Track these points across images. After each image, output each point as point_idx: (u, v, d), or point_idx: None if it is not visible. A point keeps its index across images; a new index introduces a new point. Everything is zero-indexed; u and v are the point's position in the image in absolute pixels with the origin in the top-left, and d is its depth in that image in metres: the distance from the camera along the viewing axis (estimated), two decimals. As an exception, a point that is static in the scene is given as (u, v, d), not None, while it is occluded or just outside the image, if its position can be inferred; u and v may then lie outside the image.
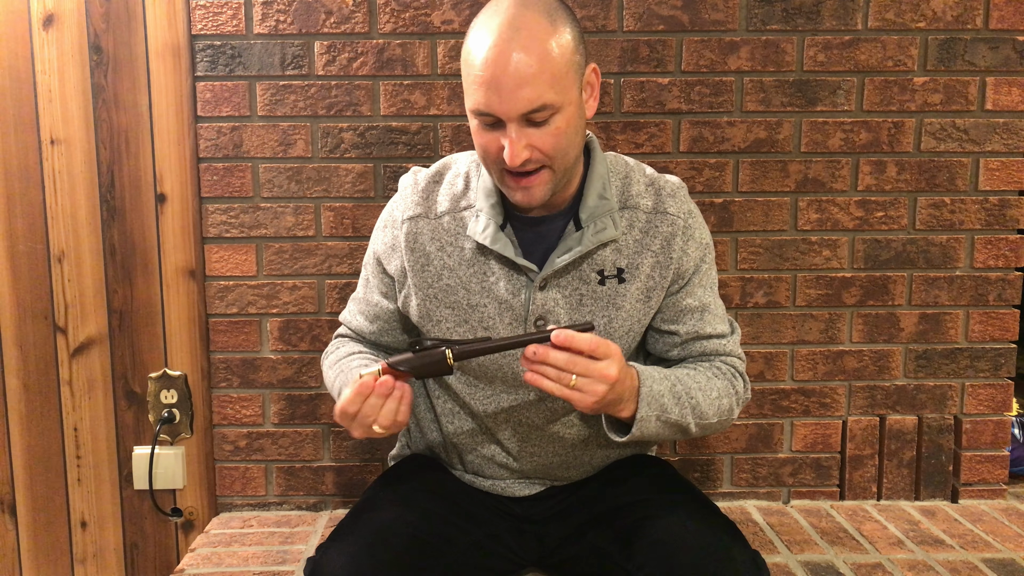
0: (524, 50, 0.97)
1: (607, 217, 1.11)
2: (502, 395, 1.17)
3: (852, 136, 1.63)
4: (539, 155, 1.02)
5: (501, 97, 0.98)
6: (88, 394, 1.68)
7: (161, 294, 1.66)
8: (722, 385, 1.14)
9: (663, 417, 1.06)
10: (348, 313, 1.30)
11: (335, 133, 1.59)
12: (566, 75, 1.00)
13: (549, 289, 1.12)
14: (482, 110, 1.00)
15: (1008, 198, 1.66)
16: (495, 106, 0.99)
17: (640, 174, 1.18)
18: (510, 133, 1.00)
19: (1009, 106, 1.63)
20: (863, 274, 1.67)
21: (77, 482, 1.70)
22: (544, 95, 0.98)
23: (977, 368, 1.70)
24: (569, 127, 1.03)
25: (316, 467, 1.69)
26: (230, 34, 1.57)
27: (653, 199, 1.15)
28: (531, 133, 1.00)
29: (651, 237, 1.14)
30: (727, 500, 1.72)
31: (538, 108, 0.99)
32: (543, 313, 1.13)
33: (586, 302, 1.14)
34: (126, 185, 1.63)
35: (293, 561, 1.46)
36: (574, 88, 1.03)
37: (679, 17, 1.58)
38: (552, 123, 1.01)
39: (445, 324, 1.16)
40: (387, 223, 1.22)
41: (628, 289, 1.13)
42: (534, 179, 1.04)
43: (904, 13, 1.59)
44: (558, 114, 1.00)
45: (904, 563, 1.44)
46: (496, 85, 0.98)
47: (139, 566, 1.73)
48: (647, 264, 1.14)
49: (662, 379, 1.08)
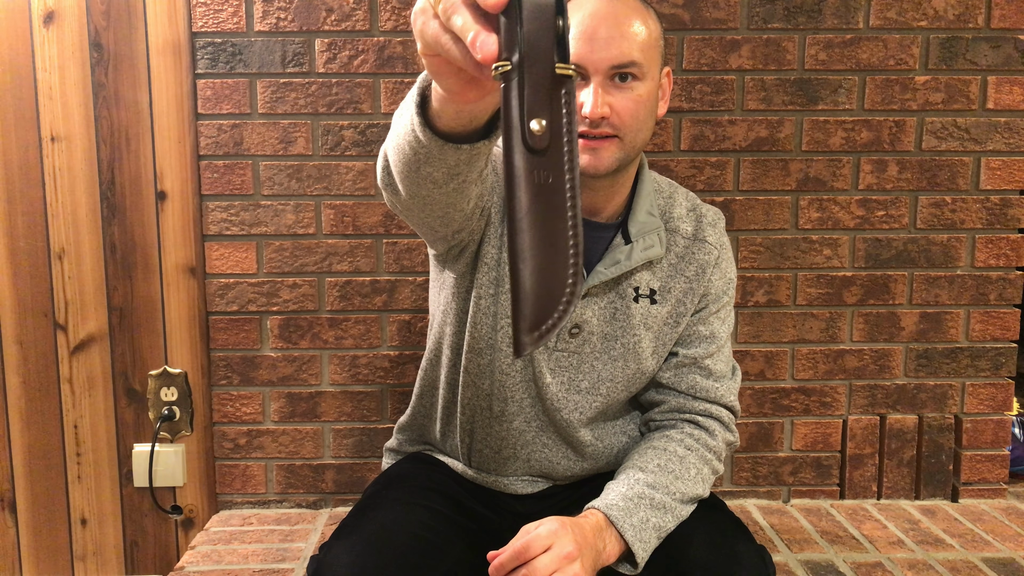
0: (623, 13, 1.02)
1: (655, 235, 1.11)
2: (514, 418, 1.17)
3: (853, 135, 1.63)
4: (616, 119, 1.03)
5: (595, 46, 1.01)
6: (88, 391, 1.67)
7: (161, 291, 1.66)
8: (695, 460, 1.10)
9: (660, 533, 1.03)
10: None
11: (336, 131, 1.59)
12: (653, 50, 1.05)
13: (589, 299, 1.12)
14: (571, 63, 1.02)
15: (1009, 197, 1.66)
16: (587, 55, 1.01)
17: (683, 198, 1.19)
18: (595, 88, 1.02)
19: (1010, 105, 1.63)
20: (864, 273, 1.67)
21: (77, 479, 1.70)
22: (634, 53, 1.02)
23: (978, 367, 1.70)
24: (648, 101, 1.05)
25: (316, 465, 1.69)
26: (231, 32, 1.56)
27: (694, 225, 1.16)
28: (613, 94, 1.03)
29: (687, 263, 1.14)
30: (727, 499, 1.71)
31: (627, 63, 1.01)
32: (579, 322, 1.12)
33: (619, 317, 1.13)
34: (126, 182, 1.63)
35: (293, 559, 1.46)
36: (656, 68, 1.06)
37: (680, 15, 1.58)
38: (635, 89, 1.03)
39: (484, 303, 1.13)
40: None
41: (659, 311, 1.13)
42: (604, 143, 1.04)
43: (905, 12, 1.59)
44: (641, 82, 1.03)
45: (904, 562, 1.44)
46: (592, 36, 1.01)
47: (139, 563, 1.73)
48: (679, 289, 1.14)
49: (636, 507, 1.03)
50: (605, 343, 1.14)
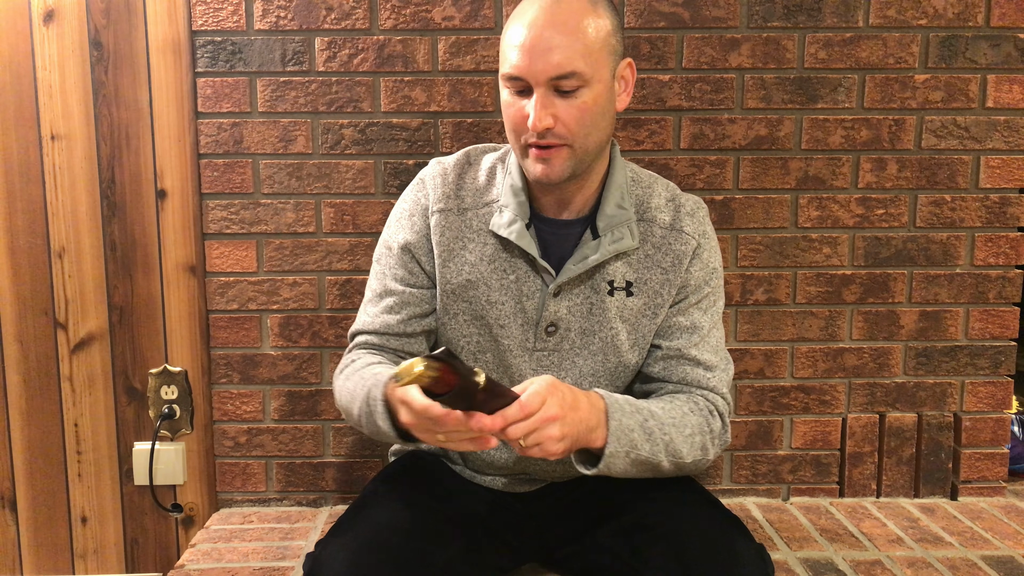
0: (562, 19, 1.01)
1: (624, 227, 1.11)
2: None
3: (853, 133, 1.63)
4: (562, 129, 1.03)
5: (532, 59, 1.01)
6: (88, 390, 1.68)
7: (161, 290, 1.66)
8: (696, 421, 1.10)
9: (632, 454, 1.03)
10: (366, 316, 1.21)
11: (336, 129, 1.59)
12: (599, 52, 1.03)
13: (562, 296, 1.12)
14: (512, 74, 1.03)
15: (1009, 196, 1.66)
16: (525, 68, 1.01)
17: (663, 188, 1.18)
18: (537, 99, 1.02)
19: (1010, 103, 1.63)
20: (863, 271, 1.67)
21: (78, 478, 1.70)
22: (574, 63, 1.01)
23: (977, 365, 1.70)
24: (596, 106, 1.04)
25: (316, 463, 1.69)
26: (231, 30, 1.56)
27: (672, 215, 1.16)
28: (557, 103, 1.02)
29: (663, 253, 1.14)
30: (727, 497, 1.72)
31: (566, 75, 1.01)
32: (555, 320, 1.13)
33: (595, 312, 1.14)
34: (126, 181, 1.63)
35: (293, 557, 1.46)
36: (606, 69, 1.05)
37: (680, 14, 1.58)
38: (579, 96, 1.02)
39: (461, 318, 1.16)
40: (413, 212, 1.18)
41: (635, 303, 1.13)
42: (554, 151, 1.05)
43: (905, 10, 1.59)
44: (586, 88, 1.02)
45: (903, 560, 1.44)
46: (530, 48, 1.01)
47: (139, 561, 1.73)
48: (655, 280, 1.14)
49: (633, 412, 1.04)
50: (584, 338, 1.15)
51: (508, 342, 1.15)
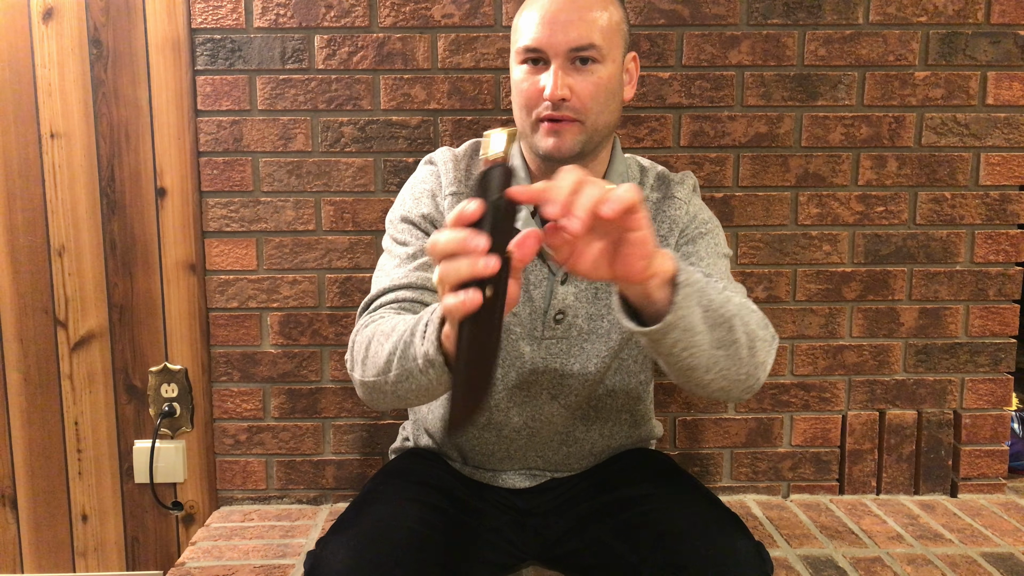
0: (579, 3, 1.06)
1: None
2: (507, 373, 1.17)
3: (853, 131, 1.63)
4: (576, 102, 1.06)
5: (553, 30, 1.05)
6: (89, 388, 1.68)
7: (161, 288, 1.66)
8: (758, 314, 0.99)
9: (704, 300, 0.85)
10: (398, 273, 1.10)
11: (335, 127, 1.59)
12: (614, 34, 1.08)
13: (570, 283, 1.14)
14: (531, 45, 1.06)
15: (1009, 193, 1.66)
16: (545, 40, 1.05)
17: (652, 171, 1.23)
18: (555, 70, 1.05)
19: (1010, 101, 1.63)
20: (863, 269, 1.67)
21: (78, 476, 1.70)
22: (592, 36, 1.05)
23: (977, 363, 1.70)
24: (609, 84, 1.08)
25: (316, 461, 1.69)
26: (230, 28, 1.56)
27: (662, 191, 1.20)
28: (574, 76, 1.06)
29: (659, 223, 1.17)
30: (727, 494, 1.72)
31: (586, 46, 1.05)
32: (563, 308, 1.14)
33: (601, 296, 1.15)
34: (126, 179, 1.63)
35: (293, 554, 1.46)
36: (619, 51, 1.09)
37: (680, 11, 1.58)
38: (595, 72, 1.06)
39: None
40: (425, 193, 1.15)
41: None
42: (566, 125, 1.07)
43: (905, 7, 1.59)
44: (601, 65, 1.06)
45: (903, 557, 1.44)
46: (551, 21, 1.05)
47: (140, 559, 1.73)
48: None
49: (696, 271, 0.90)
50: (592, 323, 1.16)
51: (517, 330, 1.15)
